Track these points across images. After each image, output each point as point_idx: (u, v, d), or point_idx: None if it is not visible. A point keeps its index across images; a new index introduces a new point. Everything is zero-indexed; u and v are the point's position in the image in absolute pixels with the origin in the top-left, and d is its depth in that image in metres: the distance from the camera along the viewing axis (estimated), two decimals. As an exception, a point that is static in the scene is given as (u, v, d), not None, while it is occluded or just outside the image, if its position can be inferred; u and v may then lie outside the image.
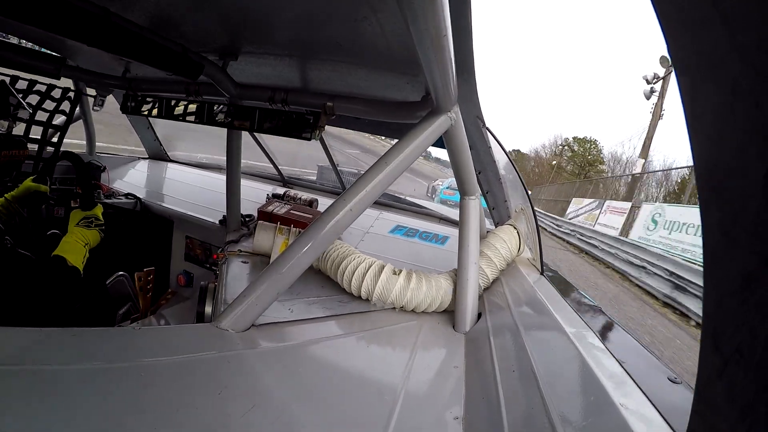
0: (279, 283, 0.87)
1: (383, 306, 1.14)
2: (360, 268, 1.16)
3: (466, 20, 0.70)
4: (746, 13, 0.19)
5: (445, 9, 0.55)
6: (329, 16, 0.78)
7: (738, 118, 0.21)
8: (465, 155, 1.11)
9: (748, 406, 0.21)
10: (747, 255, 0.21)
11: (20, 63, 1.19)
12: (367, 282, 1.14)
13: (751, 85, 0.19)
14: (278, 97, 1.29)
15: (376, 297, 1.13)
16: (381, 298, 1.13)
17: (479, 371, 0.85)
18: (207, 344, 0.77)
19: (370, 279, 1.14)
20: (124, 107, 1.60)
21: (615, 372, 0.68)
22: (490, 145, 1.38)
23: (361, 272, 1.15)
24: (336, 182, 2.61)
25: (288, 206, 1.72)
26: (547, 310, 0.96)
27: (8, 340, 0.62)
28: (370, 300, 1.15)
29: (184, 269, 2.10)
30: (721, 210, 0.23)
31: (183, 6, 0.91)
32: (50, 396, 0.53)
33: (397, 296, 1.12)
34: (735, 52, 0.20)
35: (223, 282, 1.20)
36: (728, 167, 0.22)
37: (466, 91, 1.01)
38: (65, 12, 0.77)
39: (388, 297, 1.12)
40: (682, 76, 0.23)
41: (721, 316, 0.23)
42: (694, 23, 0.21)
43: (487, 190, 1.58)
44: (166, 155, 2.90)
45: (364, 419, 0.68)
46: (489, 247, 1.27)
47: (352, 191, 0.92)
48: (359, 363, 0.88)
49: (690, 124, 0.24)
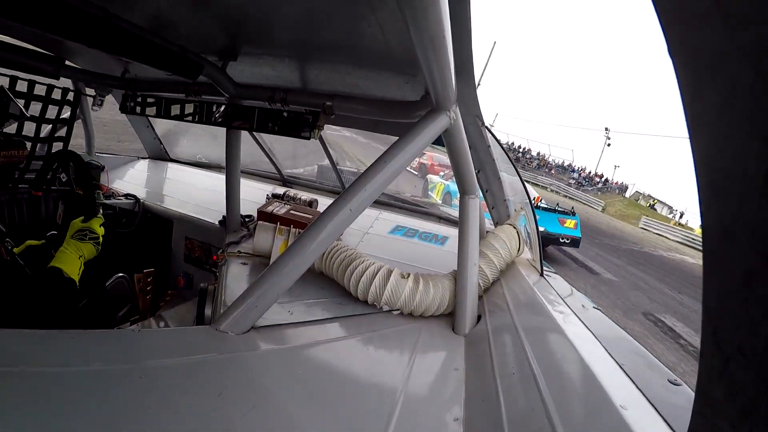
0: (278, 285, 0.87)
1: (390, 310, 1.14)
2: (368, 272, 1.15)
3: (465, 20, 0.70)
4: (747, 12, 0.18)
5: (444, 9, 0.55)
6: (329, 16, 0.78)
7: (738, 117, 0.21)
8: (464, 154, 1.11)
9: (750, 405, 0.21)
10: (747, 254, 0.21)
11: (19, 63, 1.19)
12: (375, 286, 1.12)
13: (751, 85, 0.19)
14: (277, 97, 1.29)
15: (383, 302, 1.12)
16: (389, 302, 1.12)
17: (479, 373, 0.85)
18: (207, 347, 0.77)
19: (378, 283, 1.12)
20: (124, 107, 1.60)
21: (615, 374, 0.67)
22: (490, 144, 1.38)
23: (369, 276, 1.14)
24: (336, 182, 2.61)
25: (288, 206, 1.72)
26: (547, 312, 0.96)
27: (8, 341, 0.62)
28: (378, 305, 1.14)
29: (184, 270, 2.09)
30: (721, 209, 0.23)
31: (182, 7, 0.91)
32: (50, 398, 0.53)
33: (406, 301, 1.11)
34: (735, 51, 0.20)
35: (223, 284, 1.20)
36: (728, 166, 0.22)
37: (465, 91, 1.01)
38: (64, 13, 0.77)
39: (397, 302, 1.11)
40: (682, 75, 0.23)
41: (721, 315, 0.23)
42: (695, 21, 0.21)
43: (486, 188, 1.58)
44: (166, 154, 2.90)
45: (364, 421, 0.68)
46: (489, 248, 1.27)
47: (351, 191, 0.92)
48: (359, 365, 0.88)
49: (690, 123, 0.24)
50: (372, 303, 1.14)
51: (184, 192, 2.36)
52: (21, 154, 1.44)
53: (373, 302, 1.14)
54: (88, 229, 1.24)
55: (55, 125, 1.83)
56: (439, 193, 7.31)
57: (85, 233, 1.22)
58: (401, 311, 1.13)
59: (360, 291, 1.15)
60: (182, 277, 2.05)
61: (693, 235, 18.11)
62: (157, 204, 2.18)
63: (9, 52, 1.10)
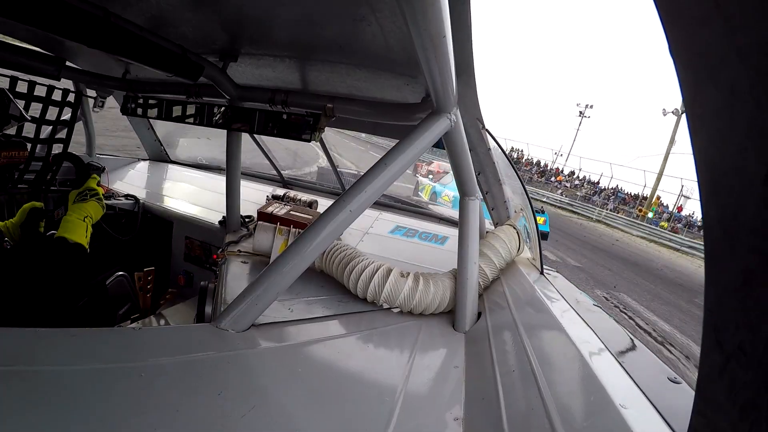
0: (279, 283, 0.87)
1: (389, 308, 1.14)
2: (367, 271, 1.15)
3: (465, 21, 0.70)
4: (748, 13, 0.19)
5: (444, 10, 0.55)
6: (329, 17, 0.79)
7: (738, 117, 0.21)
8: (465, 156, 1.12)
9: (750, 404, 0.21)
10: (747, 253, 0.21)
11: (20, 64, 1.19)
12: (375, 285, 1.13)
13: (751, 85, 0.20)
14: (278, 99, 1.29)
15: (383, 299, 1.13)
16: (388, 300, 1.13)
17: (479, 371, 0.85)
18: (207, 344, 0.77)
19: (377, 282, 1.13)
20: (125, 108, 1.60)
21: (615, 372, 0.68)
22: (490, 146, 1.38)
23: (368, 275, 1.14)
24: (336, 183, 2.61)
25: (288, 207, 1.72)
26: (547, 310, 0.96)
27: (8, 340, 0.62)
28: (377, 303, 1.14)
29: (184, 269, 2.09)
30: (721, 208, 0.23)
31: (183, 7, 0.91)
32: (50, 396, 0.53)
33: (405, 299, 1.11)
34: (736, 51, 0.20)
35: (223, 282, 1.20)
36: (728, 166, 0.22)
37: (466, 93, 1.01)
38: (65, 13, 0.77)
39: (396, 300, 1.12)
40: (684, 76, 0.24)
41: (722, 314, 0.23)
42: (696, 22, 0.21)
43: (486, 190, 1.58)
44: (166, 156, 2.90)
45: (364, 419, 0.68)
46: (488, 247, 1.27)
47: (351, 192, 0.92)
48: (359, 363, 0.88)
49: (691, 123, 0.24)
50: (372, 301, 1.15)
51: (185, 193, 2.36)
52: (21, 155, 1.44)
53: (373, 300, 1.14)
54: (86, 188, 1.24)
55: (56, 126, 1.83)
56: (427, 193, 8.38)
57: (85, 194, 1.23)
58: (400, 309, 1.14)
59: (359, 289, 1.15)
60: (182, 275, 2.05)
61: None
62: (158, 204, 2.18)
63: (10, 52, 1.10)
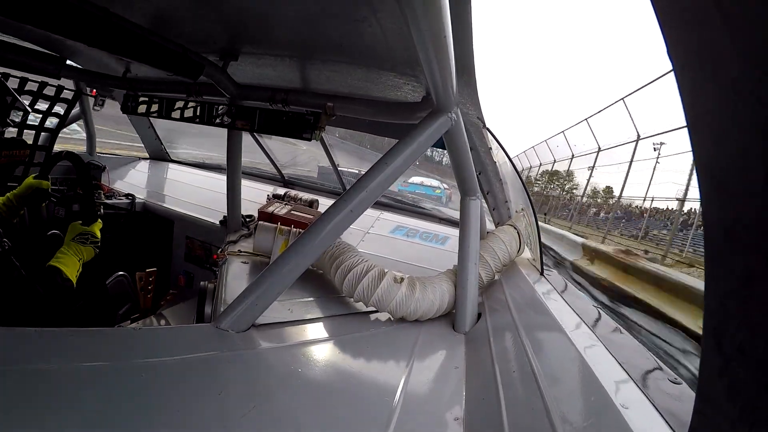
0: (279, 283, 0.87)
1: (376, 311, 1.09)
2: (356, 269, 1.08)
3: (466, 20, 0.70)
4: (747, 13, 0.19)
5: (445, 9, 0.55)
6: (329, 16, 0.78)
7: (739, 117, 0.21)
8: (465, 156, 1.11)
9: (750, 405, 0.21)
10: (748, 254, 0.21)
11: (20, 63, 1.19)
12: (364, 286, 1.05)
13: (751, 85, 0.20)
14: (278, 98, 1.29)
15: (371, 303, 1.06)
16: (379, 305, 1.06)
17: (479, 372, 0.85)
18: (207, 344, 0.77)
19: (368, 283, 1.05)
20: (125, 107, 1.60)
21: (615, 373, 0.67)
22: (491, 146, 1.38)
23: (357, 274, 1.07)
24: (337, 183, 2.61)
25: (288, 207, 1.72)
26: (547, 311, 0.96)
27: (7, 339, 0.62)
28: (366, 304, 1.08)
29: (184, 269, 2.09)
30: (722, 209, 0.23)
31: (183, 6, 0.91)
32: (50, 396, 0.53)
33: (398, 306, 1.05)
34: (736, 51, 0.20)
35: (223, 282, 1.20)
36: (729, 166, 0.22)
37: (466, 92, 1.01)
38: (65, 12, 0.77)
39: (387, 305, 1.05)
40: (682, 76, 0.23)
41: (722, 314, 0.23)
42: (695, 22, 0.21)
43: (487, 190, 1.58)
44: (167, 155, 2.90)
45: (364, 419, 0.68)
46: (488, 248, 1.27)
47: (352, 192, 0.92)
48: (359, 363, 0.88)
49: (691, 124, 0.24)
50: (358, 301, 1.09)
51: (185, 192, 2.36)
52: (23, 154, 1.44)
53: (360, 300, 1.08)
54: (90, 233, 1.24)
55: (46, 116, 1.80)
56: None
57: (86, 237, 1.23)
58: (390, 316, 1.08)
59: (345, 287, 1.08)
60: (183, 275, 2.05)
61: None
62: (158, 204, 2.18)
63: (10, 51, 1.10)
